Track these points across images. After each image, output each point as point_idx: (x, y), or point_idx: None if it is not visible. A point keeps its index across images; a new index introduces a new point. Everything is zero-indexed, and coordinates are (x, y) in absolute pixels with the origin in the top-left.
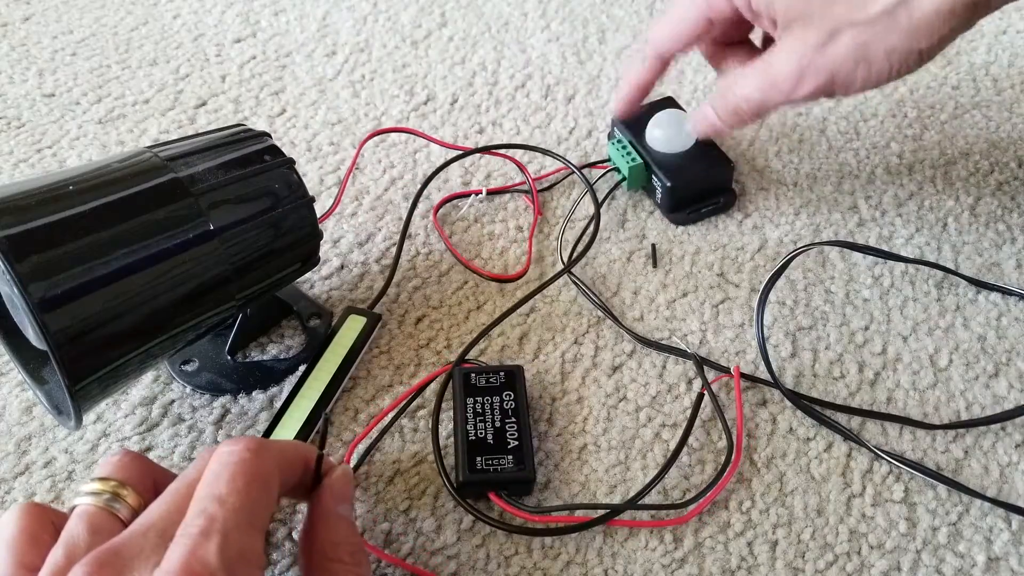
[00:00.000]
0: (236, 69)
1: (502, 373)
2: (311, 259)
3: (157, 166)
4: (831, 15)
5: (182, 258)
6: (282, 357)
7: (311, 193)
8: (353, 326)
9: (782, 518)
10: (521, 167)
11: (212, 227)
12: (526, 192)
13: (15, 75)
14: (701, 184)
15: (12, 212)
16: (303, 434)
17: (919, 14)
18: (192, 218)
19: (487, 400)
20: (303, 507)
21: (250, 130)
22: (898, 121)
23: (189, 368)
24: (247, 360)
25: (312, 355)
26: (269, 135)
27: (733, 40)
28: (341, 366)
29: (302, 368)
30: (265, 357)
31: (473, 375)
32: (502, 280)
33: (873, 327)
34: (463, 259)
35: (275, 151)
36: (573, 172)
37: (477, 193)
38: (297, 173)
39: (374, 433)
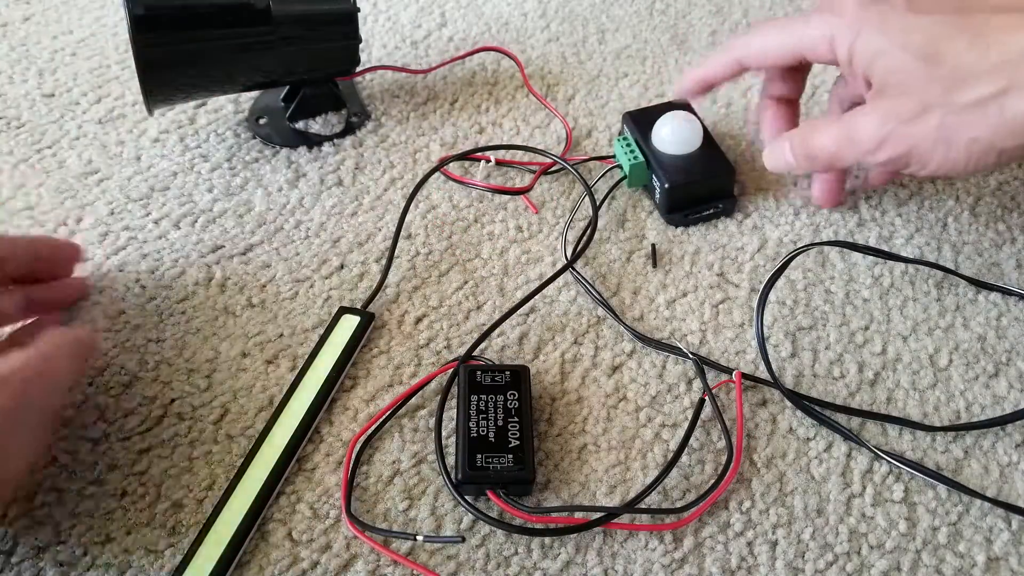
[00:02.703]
0: None
1: (507, 372)
2: (350, 50)
3: None
4: (927, 92)
5: None
6: (324, 134)
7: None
8: (346, 325)
9: (782, 518)
10: (566, 127)
11: None
12: (532, 172)
13: (15, 75)
14: (701, 188)
15: None
16: (301, 433)
17: (1011, 113)
18: None
19: (491, 398)
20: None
21: None
22: None
23: (261, 123)
24: (297, 128)
25: (351, 122)
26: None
27: (798, 84)
28: (336, 365)
29: (339, 141)
30: (311, 130)
31: (479, 372)
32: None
33: (873, 327)
34: (486, 184)
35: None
36: (572, 173)
37: (487, 160)
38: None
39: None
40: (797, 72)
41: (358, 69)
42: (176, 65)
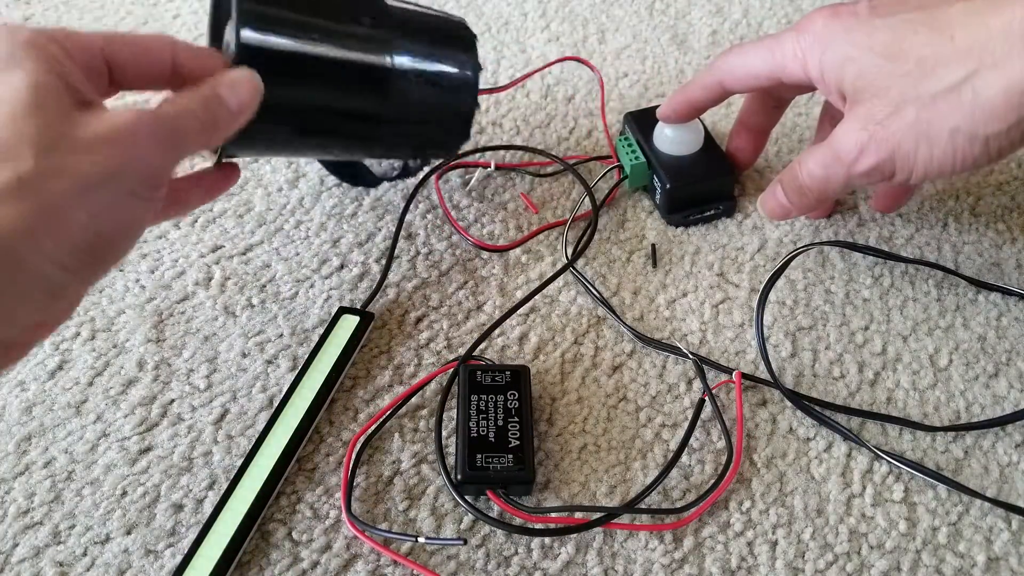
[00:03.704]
0: None
1: (508, 372)
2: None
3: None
4: (897, 88)
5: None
6: (385, 175)
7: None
8: (346, 325)
9: (782, 518)
10: (608, 136)
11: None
12: (533, 174)
13: None
14: (701, 189)
15: None
16: (301, 433)
17: (985, 95)
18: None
19: (491, 398)
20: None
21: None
22: None
23: None
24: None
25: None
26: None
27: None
28: (336, 365)
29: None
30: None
31: (479, 372)
32: (492, 250)
33: (873, 327)
34: (459, 227)
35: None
36: (572, 174)
37: (485, 166)
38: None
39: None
40: (775, 105)
41: None
42: (266, 123)
